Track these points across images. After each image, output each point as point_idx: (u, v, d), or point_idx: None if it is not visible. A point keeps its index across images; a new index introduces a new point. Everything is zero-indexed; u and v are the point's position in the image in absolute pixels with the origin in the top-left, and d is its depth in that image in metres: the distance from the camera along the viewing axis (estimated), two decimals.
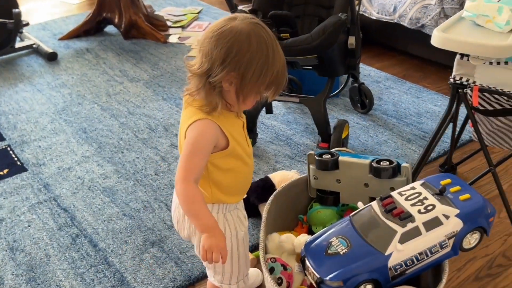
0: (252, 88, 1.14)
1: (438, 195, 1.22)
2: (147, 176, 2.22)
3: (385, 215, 1.19)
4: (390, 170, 1.37)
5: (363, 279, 1.14)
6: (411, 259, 1.16)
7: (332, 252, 1.19)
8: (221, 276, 1.35)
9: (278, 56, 1.14)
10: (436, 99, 2.72)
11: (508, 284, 1.68)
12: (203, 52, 1.12)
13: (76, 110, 2.79)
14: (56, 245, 1.87)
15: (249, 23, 1.12)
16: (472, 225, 1.21)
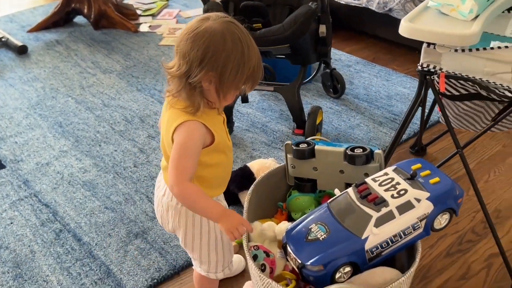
0: (231, 84, 1.18)
1: (409, 180, 1.29)
2: (126, 168, 2.25)
3: (361, 201, 1.25)
4: (363, 157, 1.43)
5: (342, 263, 1.20)
6: (386, 241, 1.23)
7: (312, 238, 1.24)
8: (207, 265, 1.41)
9: (253, 51, 1.18)
10: (405, 82, 2.80)
11: (478, 258, 1.78)
12: (180, 54, 1.16)
13: (51, 104, 2.78)
14: (40, 241, 1.90)
15: (222, 22, 1.16)
16: (442, 207, 1.28)
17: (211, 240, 1.37)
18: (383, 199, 1.24)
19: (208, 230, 1.35)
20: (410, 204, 1.25)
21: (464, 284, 1.69)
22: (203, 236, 1.35)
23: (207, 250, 1.38)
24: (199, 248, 1.37)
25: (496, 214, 1.94)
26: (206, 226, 1.34)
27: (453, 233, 1.87)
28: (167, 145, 1.25)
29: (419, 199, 1.26)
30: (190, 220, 1.32)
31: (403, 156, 2.25)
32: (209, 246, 1.37)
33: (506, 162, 2.21)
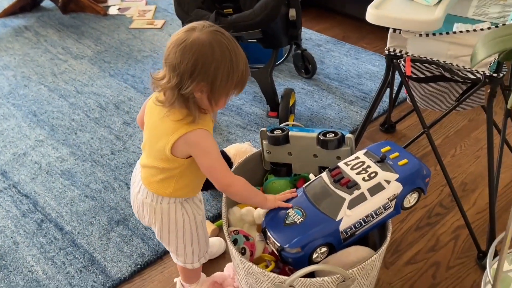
0: (222, 92, 1.22)
1: (379, 163, 1.36)
2: (103, 156, 2.28)
3: (334, 185, 1.32)
4: (335, 141, 1.50)
5: (319, 244, 1.27)
6: (359, 222, 1.30)
7: (289, 222, 1.30)
8: (183, 257, 1.47)
9: (240, 57, 1.22)
10: (374, 60, 2.86)
11: (446, 230, 1.88)
12: (170, 67, 1.19)
13: (23, 92, 2.77)
14: (23, 231, 1.93)
15: (209, 33, 1.19)
16: (411, 187, 1.35)
17: (186, 235, 1.41)
18: (355, 182, 1.31)
19: (183, 225, 1.39)
20: (381, 186, 1.32)
21: (434, 256, 1.78)
22: (178, 231, 1.40)
23: (183, 243, 1.43)
24: (174, 242, 1.43)
25: (462, 187, 2.04)
26: (181, 221, 1.39)
27: (422, 207, 1.96)
28: (158, 151, 1.28)
29: (388, 181, 1.33)
30: (166, 217, 1.37)
31: (373, 134, 2.33)
32: (184, 239, 1.42)
33: (472, 136, 2.31)
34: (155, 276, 1.75)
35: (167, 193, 1.34)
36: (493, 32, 1.04)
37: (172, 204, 1.36)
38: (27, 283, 1.73)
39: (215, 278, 1.60)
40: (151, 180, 1.36)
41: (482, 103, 1.78)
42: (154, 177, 1.35)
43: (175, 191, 1.34)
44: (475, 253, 1.76)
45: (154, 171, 1.34)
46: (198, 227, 1.42)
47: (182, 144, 1.25)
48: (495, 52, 1.02)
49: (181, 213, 1.38)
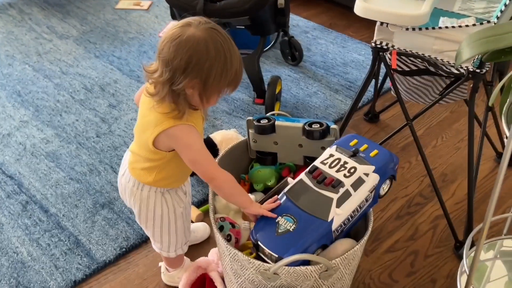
0: (214, 90, 1.22)
1: (353, 157, 1.39)
2: (89, 138, 2.28)
3: (319, 186, 1.33)
4: (320, 131, 1.52)
5: (316, 248, 1.28)
6: (347, 218, 1.33)
7: (282, 230, 1.30)
8: (160, 244, 1.49)
9: (235, 56, 1.21)
10: (360, 48, 2.89)
11: (425, 220, 1.92)
12: (163, 61, 1.18)
13: (7, 72, 2.75)
14: (7, 213, 1.94)
15: (205, 30, 1.17)
16: (385, 176, 1.40)
17: (164, 224, 1.43)
18: (339, 181, 1.32)
19: (161, 214, 1.41)
20: (361, 179, 1.35)
21: (413, 244, 1.83)
22: (156, 219, 1.42)
23: (160, 232, 1.45)
24: (152, 229, 1.45)
25: (442, 178, 2.09)
26: (159, 210, 1.40)
27: (403, 196, 2.01)
28: (143, 141, 1.30)
29: (367, 173, 1.36)
30: (144, 204, 1.39)
31: (357, 123, 2.37)
32: (161, 228, 1.44)
33: (453, 127, 2.35)
34: (139, 260, 1.77)
35: (148, 181, 1.36)
36: (478, 32, 1.07)
37: (152, 193, 1.38)
38: (12, 264, 1.74)
39: (199, 263, 1.62)
40: (135, 166, 1.38)
41: (465, 97, 1.82)
42: (138, 164, 1.37)
43: (156, 181, 1.36)
44: (453, 243, 1.82)
45: (139, 158, 1.36)
46: (177, 218, 1.44)
47: (164, 138, 1.25)
48: (479, 53, 1.05)
49: (160, 203, 1.39)
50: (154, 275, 1.72)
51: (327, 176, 1.35)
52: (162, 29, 3.11)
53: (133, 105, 2.47)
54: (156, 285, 1.69)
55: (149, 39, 3.01)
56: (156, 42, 2.98)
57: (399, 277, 1.72)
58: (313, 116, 2.38)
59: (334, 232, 1.31)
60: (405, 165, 2.15)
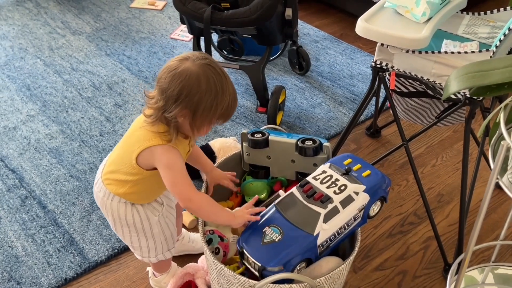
0: (203, 121, 1.31)
1: (345, 175, 1.41)
2: (92, 137, 2.32)
3: (308, 200, 1.35)
4: (313, 149, 1.53)
5: (299, 260, 1.30)
6: (334, 234, 1.34)
7: (267, 240, 1.32)
8: (139, 250, 1.52)
9: (227, 92, 1.30)
10: (368, 61, 2.89)
11: (417, 240, 1.93)
12: (160, 89, 1.28)
13: (19, 65, 2.80)
14: (6, 206, 1.98)
15: (200, 65, 1.27)
16: (376, 197, 1.41)
17: (139, 231, 1.46)
18: (328, 197, 1.35)
19: (133, 222, 1.44)
20: (351, 198, 1.37)
21: (402, 264, 1.84)
22: (130, 227, 1.45)
23: (137, 238, 1.48)
24: (129, 236, 1.48)
25: (438, 198, 2.09)
26: (131, 219, 1.43)
27: (397, 215, 2.02)
28: (126, 154, 1.36)
29: (357, 192, 1.38)
30: (115, 213, 1.43)
31: (358, 137, 2.37)
32: (138, 235, 1.47)
33: (454, 147, 2.35)
34: (130, 262, 1.80)
35: (118, 193, 1.40)
36: (466, 66, 1.08)
37: (122, 204, 1.41)
38: (6, 258, 1.78)
39: (188, 269, 1.64)
40: (109, 177, 1.42)
41: (463, 121, 1.82)
42: (113, 175, 1.41)
43: (126, 194, 1.40)
44: (443, 265, 1.82)
45: (116, 169, 1.40)
46: (153, 226, 1.46)
47: (148, 154, 1.32)
48: (466, 88, 1.05)
49: (131, 212, 1.42)
50: (143, 278, 1.75)
51: (317, 191, 1.37)
52: (174, 31, 3.14)
53: (138, 106, 2.50)
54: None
55: (160, 40, 3.04)
56: (167, 43, 3.02)
57: None
58: (315, 127, 2.40)
59: (319, 246, 1.33)
60: (402, 183, 2.15)
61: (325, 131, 2.37)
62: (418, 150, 2.32)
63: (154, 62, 2.84)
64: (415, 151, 2.30)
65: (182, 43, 3.03)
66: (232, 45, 2.78)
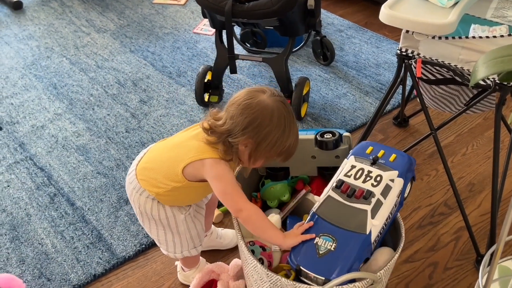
0: (263, 155, 1.33)
1: (374, 165, 1.37)
2: (118, 133, 2.33)
3: (350, 200, 1.31)
4: (334, 141, 1.50)
5: (360, 263, 1.26)
6: (382, 227, 1.31)
7: (323, 252, 1.27)
8: (165, 245, 1.52)
9: (293, 132, 1.33)
10: (394, 49, 2.83)
11: (448, 231, 1.88)
12: (229, 114, 1.31)
13: (45, 64, 2.83)
14: (36, 204, 2.01)
15: (275, 101, 1.31)
16: (408, 178, 1.38)
17: (165, 227, 1.46)
18: (369, 192, 1.31)
19: (159, 219, 1.44)
20: (389, 186, 1.34)
21: (433, 255, 1.80)
22: (157, 223, 1.45)
23: (163, 232, 1.48)
24: (155, 230, 1.48)
25: (469, 188, 2.04)
26: (157, 215, 1.43)
27: (427, 205, 1.97)
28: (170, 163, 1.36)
29: (392, 179, 1.35)
30: (142, 207, 1.43)
31: (385, 127, 2.33)
32: (164, 230, 1.47)
33: (485, 135, 2.29)
34: (158, 257, 1.81)
35: (151, 191, 1.40)
36: (495, 51, 1.04)
37: (149, 199, 1.41)
38: (37, 255, 1.81)
39: (214, 268, 1.64)
40: (144, 173, 1.41)
41: (493, 108, 1.77)
42: (149, 172, 1.40)
43: (158, 194, 1.39)
44: (475, 256, 1.78)
45: (153, 168, 1.40)
46: (179, 224, 1.46)
47: (198, 165, 1.33)
48: (495, 73, 1.01)
49: (157, 208, 1.42)
50: (170, 273, 1.75)
51: (357, 189, 1.33)
52: (197, 25, 3.13)
53: (163, 101, 2.51)
54: (172, 283, 1.73)
55: (183, 35, 3.04)
56: (190, 38, 3.01)
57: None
58: (341, 118, 2.36)
59: (373, 243, 1.30)
60: (432, 173, 2.10)
61: (351, 122, 2.34)
62: (447, 139, 2.26)
63: (178, 58, 2.84)
64: (444, 140, 2.25)
65: (205, 37, 3.02)
66: (255, 38, 2.76)
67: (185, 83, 2.63)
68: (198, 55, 2.86)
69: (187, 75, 2.70)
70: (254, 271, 1.34)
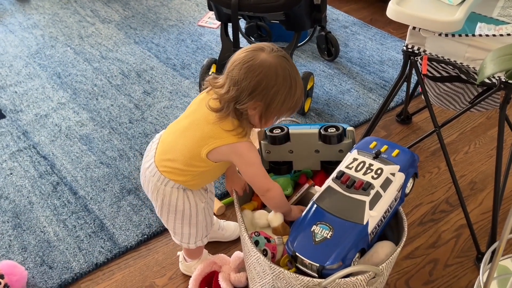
0: (274, 113, 1.31)
1: (377, 158, 1.38)
2: (121, 124, 2.34)
3: (349, 191, 1.32)
4: (337, 136, 1.50)
5: (355, 252, 1.27)
6: (380, 219, 1.32)
7: (319, 239, 1.28)
8: (180, 236, 1.53)
9: (299, 85, 1.30)
10: (399, 46, 2.84)
11: (449, 228, 1.89)
12: (232, 80, 1.26)
13: (50, 53, 2.83)
14: (38, 192, 2.01)
15: (276, 57, 1.26)
16: (410, 174, 1.39)
17: (185, 218, 1.47)
18: (369, 183, 1.31)
19: (183, 209, 1.44)
20: (389, 180, 1.34)
21: (433, 252, 1.81)
22: (178, 213, 1.45)
23: (181, 225, 1.49)
24: (173, 222, 1.48)
25: (471, 186, 2.05)
26: (181, 205, 1.43)
27: (428, 202, 1.98)
28: (191, 149, 1.35)
29: (393, 173, 1.35)
30: (167, 198, 1.42)
31: (388, 124, 2.33)
32: (182, 222, 1.48)
33: (488, 134, 2.29)
34: (160, 248, 1.82)
35: (177, 180, 1.39)
36: (503, 48, 1.04)
37: (175, 189, 1.41)
38: (39, 243, 1.81)
39: (216, 259, 1.65)
40: (166, 164, 1.39)
41: (497, 106, 1.77)
42: (171, 163, 1.39)
43: (185, 181, 1.39)
44: (475, 254, 1.78)
45: (174, 159, 1.38)
46: (199, 213, 1.47)
47: (225, 151, 1.32)
48: (503, 70, 1.02)
49: (183, 199, 1.42)
50: (172, 264, 1.76)
51: (356, 180, 1.34)
52: (202, 18, 3.13)
53: (167, 93, 2.51)
54: (173, 273, 1.73)
55: (188, 28, 3.04)
56: (195, 30, 3.01)
57: (416, 285, 1.71)
58: (344, 114, 2.37)
59: (370, 234, 1.30)
60: (434, 170, 2.11)
61: (354, 118, 2.34)
62: (450, 137, 2.27)
63: (182, 50, 2.84)
64: (447, 138, 2.25)
65: (210, 30, 3.02)
66: (260, 32, 2.75)
67: (189, 76, 2.63)
68: (203, 48, 2.86)
69: (191, 67, 2.70)
70: (257, 263, 1.35)
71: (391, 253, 1.31)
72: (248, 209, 1.51)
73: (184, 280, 1.71)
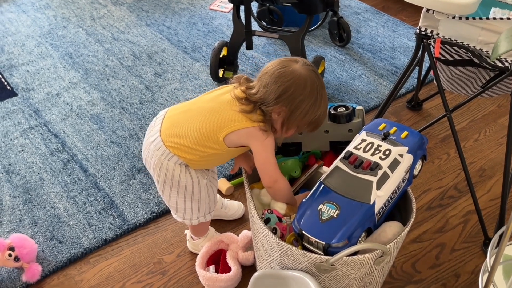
0: (295, 123, 1.36)
1: (385, 140, 1.38)
2: (132, 104, 2.35)
3: (356, 171, 1.32)
4: (347, 114, 1.50)
5: (362, 231, 1.28)
6: (387, 200, 1.32)
7: (326, 218, 1.29)
8: (182, 213, 1.53)
9: (323, 102, 1.37)
10: (411, 34, 2.82)
11: (457, 213, 1.89)
12: (262, 83, 1.34)
13: (62, 33, 2.84)
14: (49, 169, 2.03)
15: (308, 70, 1.34)
16: (418, 156, 1.39)
17: (187, 194, 1.47)
18: (376, 163, 1.32)
19: (185, 185, 1.45)
20: (397, 160, 1.34)
21: (440, 236, 1.81)
22: (180, 189, 1.46)
23: (183, 200, 1.49)
24: (175, 197, 1.49)
25: (480, 173, 2.04)
26: (184, 181, 1.44)
27: (436, 188, 1.98)
28: (207, 131, 1.37)
29: (402, 154, 1.36)
30: (170, 173, 1.43)
31: (398, 110, 2.33)
32: (185, 197, 1.48)
33: (498, 122, 2.28)
34: (168, 225, 1.83)
35: (184, 157, 1.40)
36: None
37: (177, 165, 1.41)
38: (49, 218, 1.83)
39: (223, 238, 1.66)
40: (174, 140, 1.40)
41: (509, 92, 1.76)
42: (180, 140, 1.39)
43: (190, 160, 1.40)
44: (482, 239, 1.78)
45: (184, 135, 1.39)
46: (201, 189, 1.48)
47: (243, 134, 1.36)
48: None
49: (185, 174, 1.43)
50: (180, 241, 1.77)
51: (364, 160, 1.34)
52: (213, 1, 3.13)
53: (177, 75, 2.52)
54: (181, 251, 1.75)
55: (199, 11, 3.04)
56: (206, 14, 3.01)
57: (422, 268, 1.71)
58: (354, 99, 2.36)
59: (377, 214, 1.31)
60: (443, 157, 2.11)
61: (364, 103, 2.34)
62: (460, 124, 2.26)
63: (193, 33, 2.84)
64: (457, 125, 2.24)
65: (221, 14, 3.02)
66: (272, 16, 2.75)
67: (199, 58, 2.64)
68: (214, 31, 2.86)
69: (202, 50, 2.70)
70: (265, 240, 1.36)
71: (399, 233, 1.32)
72: (258, 188, 1.52)
73: (191, 258, 1.72)
